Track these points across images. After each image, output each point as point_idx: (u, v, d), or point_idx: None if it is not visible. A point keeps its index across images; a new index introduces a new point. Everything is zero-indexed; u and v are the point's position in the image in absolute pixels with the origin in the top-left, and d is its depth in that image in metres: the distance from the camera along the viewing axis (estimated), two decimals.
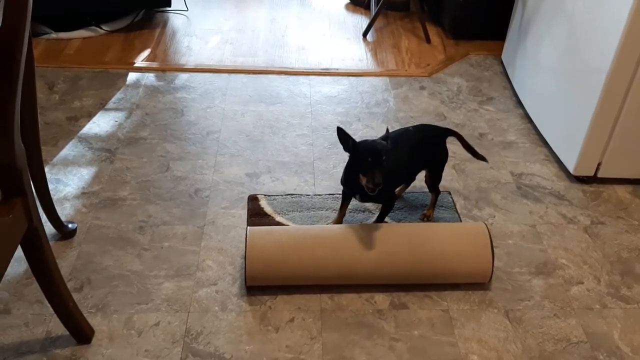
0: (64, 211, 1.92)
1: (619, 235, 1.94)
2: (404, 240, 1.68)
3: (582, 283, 1.77)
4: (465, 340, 1.59)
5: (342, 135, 1.64)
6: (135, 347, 1.52)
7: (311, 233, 1.71)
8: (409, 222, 1.92)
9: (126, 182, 2.06)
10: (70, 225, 1.84)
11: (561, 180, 2.15)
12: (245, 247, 1.65)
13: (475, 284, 1.72)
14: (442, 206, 1.98)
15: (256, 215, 1.94)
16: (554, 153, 2.25)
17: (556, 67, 2.25)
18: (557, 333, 1.62)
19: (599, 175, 2.10)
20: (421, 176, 1.91)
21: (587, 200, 2.07)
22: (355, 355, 1.53)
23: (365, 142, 1.64)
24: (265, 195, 2.02)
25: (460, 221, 1.93)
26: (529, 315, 1.66)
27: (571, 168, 2.11)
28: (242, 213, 1.95)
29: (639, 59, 1.86)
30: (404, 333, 1.60)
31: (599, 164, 2.08)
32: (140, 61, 2.78)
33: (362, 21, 3.27)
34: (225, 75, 2.71)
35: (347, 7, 3.45)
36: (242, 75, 2.72)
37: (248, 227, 1.70)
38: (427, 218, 1.92)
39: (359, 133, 2.36)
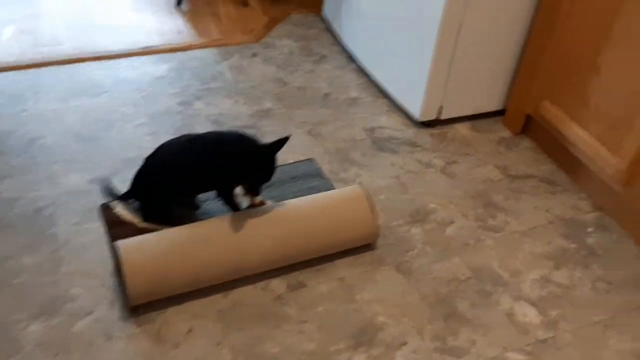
0: None
1: (472, 170, 2.07)
2: (288, 219, 1.62)
3: (454, 222, 1.86)
4: (368, 303, 1.59)
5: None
6: None
7: (189, 232, 1.56)
8: (284, 197, 1.84)
9: None
10: None
11: (409, 128, 2.23)
12: (120, 265, 1.46)
13: (363, 245, 1.73)
14: (309, 175, 1.95)
15: (116, 225, 1.73)
16: (395, 103, 2.32)
17: (386, 17, 2.29)
18: (446, 275, 1.69)
19: (442, 117, 2.22)
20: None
21: (436, 143, 2.18)
22: (267, 350, 1.46)
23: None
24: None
25: (333, 187, 1.91)
26: (417, 264, 1.72)
27: (417, 115, 2.20)
28: (99, 225, 1.73)
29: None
30: (309, 312, 1.56)
31: (440, 107, 2.19)
32: None
33: None
34: (32, 70, 2.35)
35: None
36: (52, 67, 2.38)
37: (119, 242, 1.51)
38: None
39: (203, 113, 2.21)
